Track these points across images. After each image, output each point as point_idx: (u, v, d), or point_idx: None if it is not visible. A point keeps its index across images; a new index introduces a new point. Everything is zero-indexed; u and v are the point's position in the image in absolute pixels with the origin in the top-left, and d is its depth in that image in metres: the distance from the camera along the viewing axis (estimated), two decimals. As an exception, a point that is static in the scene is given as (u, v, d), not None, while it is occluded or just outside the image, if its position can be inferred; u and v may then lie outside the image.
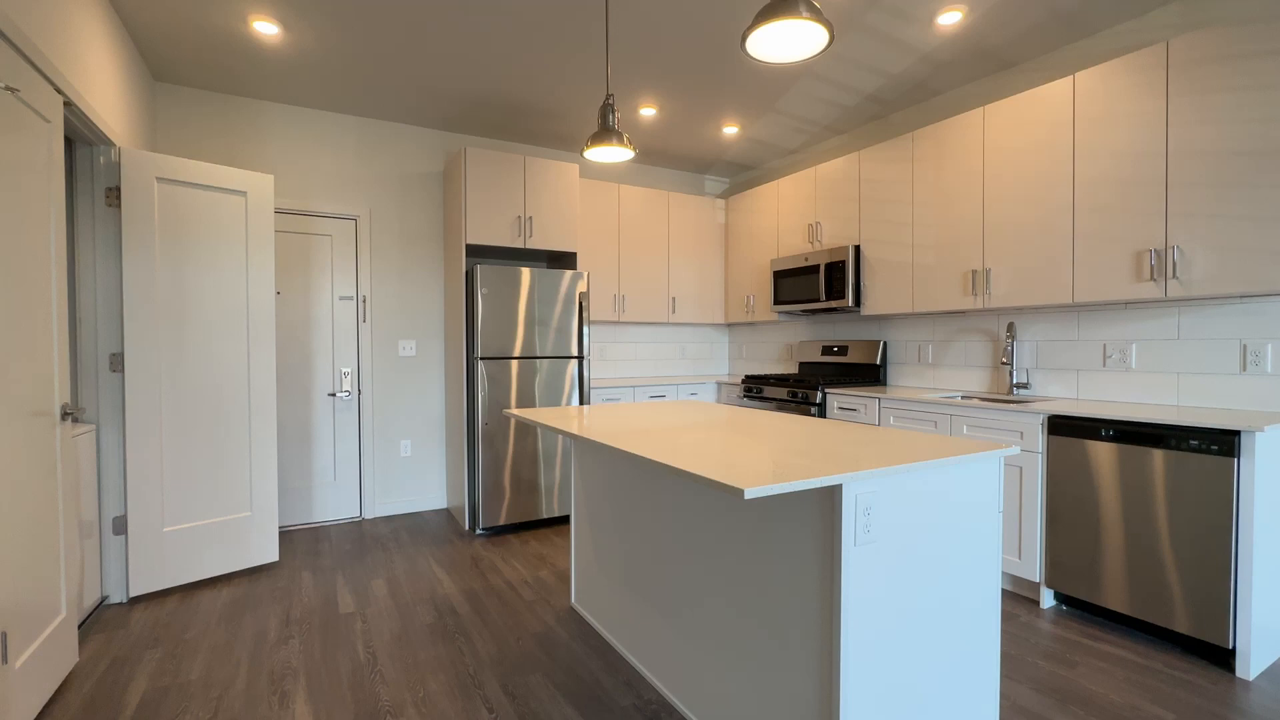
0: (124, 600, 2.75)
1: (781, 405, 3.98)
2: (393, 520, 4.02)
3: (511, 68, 3.30)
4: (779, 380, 4.04)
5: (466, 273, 3.74)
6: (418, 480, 4.24)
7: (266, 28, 2.86)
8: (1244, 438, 2.07)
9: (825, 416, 3.69)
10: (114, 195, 2.69)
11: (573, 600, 2.71)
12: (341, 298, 3.99)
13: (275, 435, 3.17)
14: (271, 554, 3.17)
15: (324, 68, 3.30)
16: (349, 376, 4.02)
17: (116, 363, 2.71)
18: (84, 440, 2.54)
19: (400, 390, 4.17)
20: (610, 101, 2.35)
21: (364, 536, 3.70)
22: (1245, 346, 2.48)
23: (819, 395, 3.71)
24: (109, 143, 2.63)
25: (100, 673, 2.16)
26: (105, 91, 2.59)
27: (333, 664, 2.22)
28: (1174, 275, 2.44)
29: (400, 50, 3.11)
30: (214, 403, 2.96)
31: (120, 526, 2.73)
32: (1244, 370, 2.48)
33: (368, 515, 4.08)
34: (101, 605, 2.70)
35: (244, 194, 3.05)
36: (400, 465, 4.18)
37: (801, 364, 4.54)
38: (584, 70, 3.34)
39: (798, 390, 3.86)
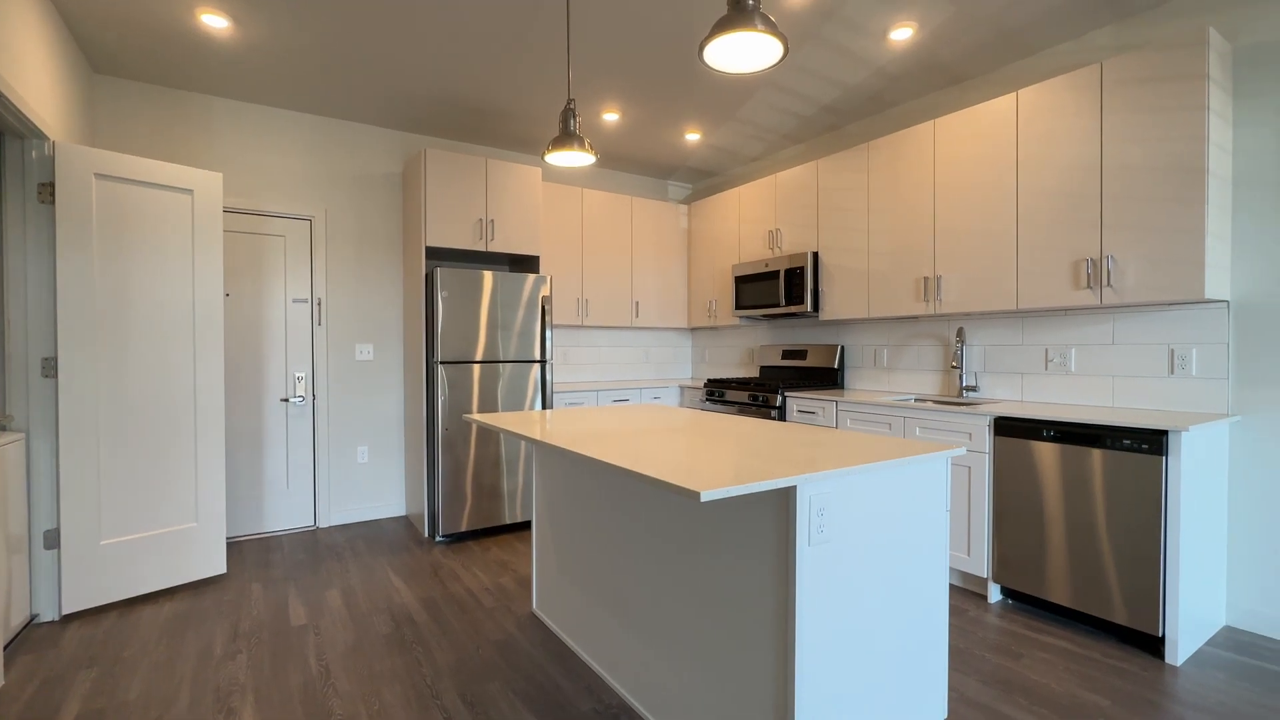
0: (56, 618, 2.61)
1: (743, 409, 4.04)
2: (349, 529, 3.92)
3: (473, 69, 3.27)
4: (740, 384, 4.09)
5: (426, 275, 3.68)
6: (375, 487, 4.14)
7: (215, 21, 2.77)
8: (1171, 437, 2.20)
9: (785, 419, 3.76)
10: (47, 191, 2.56)
11: (534, 606, 2.69)
12: (295, 300, 3.88)
13: (223, 442, 3.05)
14: (219, 566, 3.05)
15: (277, 64, 3.21)
16: (303, 381, 3.90)
17: (49, 367, 2.57)
18: (12, 450, 2.40)
19: (357, 395, 4.07)
20: (571, 106, 2.35)
21: (318, 546, 3.59)
22: (1173, 351, 2.63)
23: (779, 399, 3.78)
24: (42, 136, 2.50)
25: (28, 696, 2.04)
26: (38, 82, 2.47)
27: (283, 678, 2.14)
28: (1108, 283, 2.58)
29: (358, 49, 3.05)
30: (157, 409, 2.84)
31: (52, 540, 2.59)
32: (1172, 373, 2.63)
33: (322, 524, 3.96)
34: (31, 624, 2.55)
35: (190, 192, 2.94)
36: (357, 472, 4.07)
37: (763, 368, 4.62)
38: (547, 73, 3.33)
39: (758, 394, 3.92)
